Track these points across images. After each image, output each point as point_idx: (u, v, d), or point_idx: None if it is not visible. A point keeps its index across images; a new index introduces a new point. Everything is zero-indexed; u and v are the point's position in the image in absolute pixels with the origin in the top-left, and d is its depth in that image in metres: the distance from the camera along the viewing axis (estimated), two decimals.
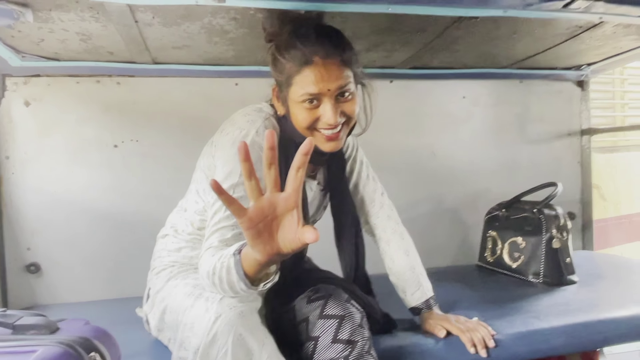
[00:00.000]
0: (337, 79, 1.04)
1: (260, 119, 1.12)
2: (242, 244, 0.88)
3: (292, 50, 1.05)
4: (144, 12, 1.17)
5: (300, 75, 1.04)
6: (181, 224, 1.25)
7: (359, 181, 1.37)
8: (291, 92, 1.07)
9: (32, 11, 1.13)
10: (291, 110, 1.10)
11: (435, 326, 1.21)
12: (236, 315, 0.93)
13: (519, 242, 1.74)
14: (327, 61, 1.03)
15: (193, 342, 0.96)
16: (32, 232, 1.67)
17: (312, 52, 1.03)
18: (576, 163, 2.24)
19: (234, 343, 0.90)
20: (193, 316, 0.99)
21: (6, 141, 1.64)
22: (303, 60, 1.03)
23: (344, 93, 1.07)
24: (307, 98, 1.04)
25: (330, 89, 1.04)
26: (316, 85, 1.03)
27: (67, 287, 1.70)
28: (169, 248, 1.25)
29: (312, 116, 1.06)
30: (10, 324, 0.78)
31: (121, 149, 1.73)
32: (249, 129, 1.09)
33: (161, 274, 1.21)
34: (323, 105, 1.05)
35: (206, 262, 0.98)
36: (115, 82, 1.72)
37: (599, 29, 1.47)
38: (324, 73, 1.03)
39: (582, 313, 1.34)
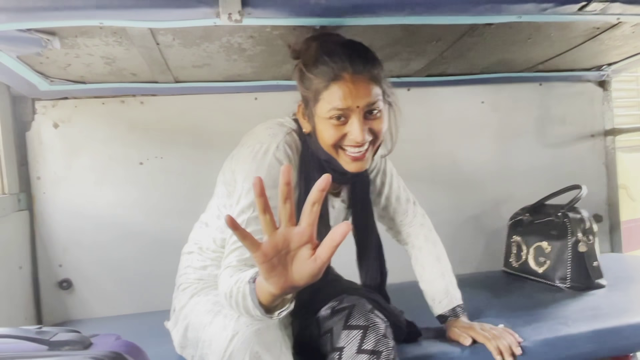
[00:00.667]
0: (366, 96, 1.03)
1: (282, 133, 1.12)
2: (257, 272, 0.87)
3: (320, 66, 1.03)
4: (164, 35, 1.21)
5: (328, 91, 1.02)
6: (205, 241, 1.26)
7: (391, 193, 1.37)
8: (318, 108, 1.05)
9: (59, 38, 1.18)
10: (317, 127, 1.08)
11: (460, 334, 1.21)
12: (252, 333, 0.94)
13: (544, 247, 1.71)
14: (356, 77, 1.02)
15: (211, 359, 0.97)
16: (64, 249, 1.72)
17: (340, 68, 1.01)
18: (601, 164, 2.21)
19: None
20: (211, 333, 1.01)
21: (37, 162, 1.70)
22: (331, 75, 1.02)
23: (373, 110, 1.05)
24: (334, 114, 1.03)
25: (359, 105, 1.02)
26: (344, 101, 1.01)
27: (99, 302, 1.75)
28: (195, 265, 1.26)
29: (339, 133, 1.05)
30: (46, 341, 0.81)
31: (146, 166, 1.78)
32: (269, 143, 1.09)
33: (186, 291, 1.23)
34: (350, 122, 1.03)
35: (224, 283, 0.98)
36: (139, 102, 1.77)
37: (618, 29, 1.45)
38: (352, 89, 1.01)
39: (611, 318, 1.32)
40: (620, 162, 2.25)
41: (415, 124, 2.01)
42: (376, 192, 1.37)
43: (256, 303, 0.86)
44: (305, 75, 1.07)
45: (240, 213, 1.05)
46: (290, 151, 1.11)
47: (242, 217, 1.04)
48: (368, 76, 1.03)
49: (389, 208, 1.38)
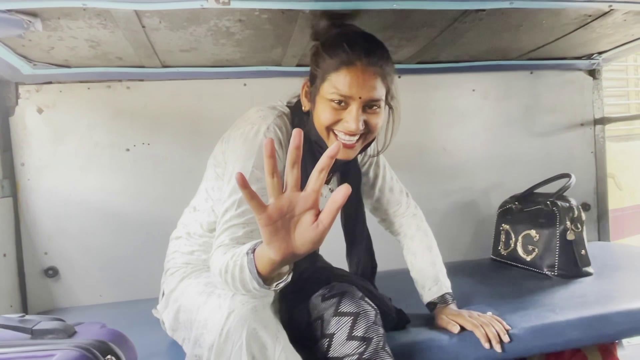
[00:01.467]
0: (371, 89, 1.04)
1: (273, 115, 1.13)
2: (255, 243, 0.88)
3: (337, 49, 1.05)
4: (150, 18, 1.18)
5: (337, 73, 1.04)
6: (192, 226, 1.26)
7: (384, 185, 1.39)
8: (323, 87, 1.07)
9: (41, 20, 1.15)
10: (316, 107, 1.10)
11: (448, 322, 1.21)
12: (249, 311, 0.94)
13: (533, 235, 1.72)
14: (367, 68, 1.04)
15: (207, 339, 0.97)
16: (49, 236, 1.70)
17: (355, 55, 1.03)
18: (590, 153, 2.21)
19: (248, 338, 0.91)
20: (206, 313, 1.01)
21: (21, 148, 1.67)
22: (345, 59, 1.03)
23: (373, 105, 1.07)
24: (336, 98, 1.05)
25: (362, 96, 1.04)
26: (350, 88, 1.03)
27: (85, 290, 1.73)
28: (182, 250, 1.26)
29: (336, 117, 1.06)
30: (28, 329, 0.79)
31: (133, 152, 1.75)
32: (260, 125, 1.10)
33: (175, 274, 1.23)
34: (349, 109, 1.05)
35: (218, 260, 0.99)
36: (125, 87, 1.74)
37: (609, 17, 1.44)
38: (360, 78, 1.03)
39: (598, 305, 1.33)
40: (608, 152, 2.26)
41: (405, 112, 1.96)
42: (369, 184, 1.38)
43: (254, 273, 0.86)
44: (320, 54, 1.09)
45: (231, 192, 1.05)
46: (280, 133, 1.12)
47: (233, 196, 1.04)
48: (379, 71, 1.06)
49: (383, 199, 1.40)
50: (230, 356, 0.91)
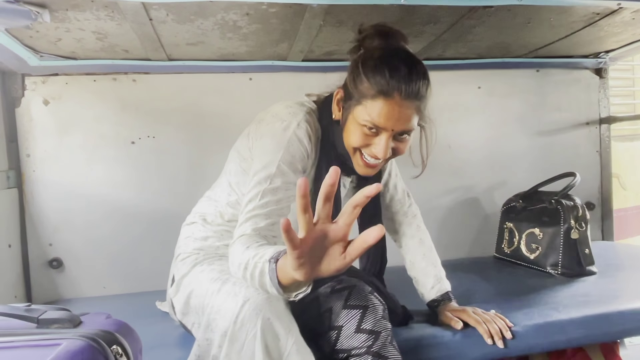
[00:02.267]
0: (405, 122, 1.04)
1: (302, 112, 1.13)
2: (279, 252, 0.88)
3: (377, 75, 1.01)
4: (157, 10, 1.18)
5: (373, 101, 1.02)
6: (211, 214, 1.27)
7: (390, 180, 1.40)
8: (357, 110, 1.05)
9: (49, 11, 1.15)
10: (347, 125, 1.09)
11: (452, 318, 1.21)
12: (264, 300, 0.94)
13: (537, 233, 1.72)
14: (404, 102, 1.01)
15: (220, 324, 0.97)
16: (54, 228, 1.70)
17: (395, 87, 1.00)
18: (595, 152, 2.21)
19: (263, 327, 0.92)
20: (220, 299, 1.01)
21: (27, 139, 1.68)
22: (384, 89, 1.00)
23: (404, 134, 1.07)
24: (369, 125, 1.04)
25: (395, 129, 1.04)
26: (385, 120, 1.02)
27: (89, 282, 1.74)
28: (196, 236, 1.26)
29: (365, 142, 1.07)
30: (34, 318, 0.80)
31: (138, 145, 1.75)
32: (290, 121, 1.10)
33: (187, 260, 1.23)
34: (380, 137, 1.05)
35: (238, 253, 0.99)
36: (131, 80, 1.74)
37: (618, 15, 1.44)
38: (396, 112, 1.01)
39: (601, 304, 1.33)
40: (613, 151, 2.25)
41: None
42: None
43: (275, 283, 0.87)
44: (359, 73, 1.05)
45: (256, 184, 1.07)
46: (310, 129, 1.12)
47: (257, 188, 1.06)
48: (415, 105, 1.04)
49: (386, 195, 1.40)
50: (244, 343, 0.92)
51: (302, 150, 1.11)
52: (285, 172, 1.08)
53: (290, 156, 1.08)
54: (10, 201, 1.62)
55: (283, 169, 1.08)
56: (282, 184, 1.07)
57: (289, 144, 1.08)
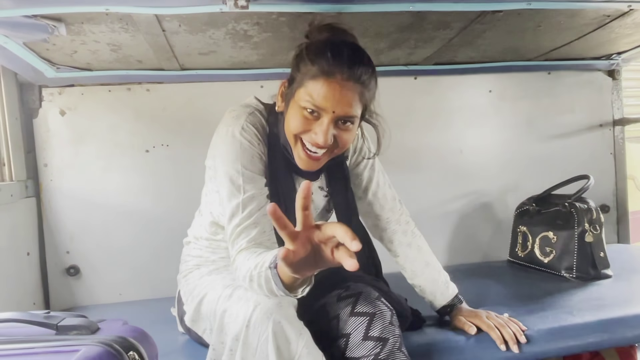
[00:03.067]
0: (346, 105, 1.02)
1: (245, 114, 1.12)
2: (275, 257, 0.90)
3: (319, 56, 1.01)
4: (170, 22, 1.21)
5: (315, 81, 1.01)
6: (197, 230, 1.30)
7: (378, 189, 1.34)
8: (299, 92, 1.04)
9: (65, 25, 1.18)
10: (289, 111, 1.08)
11: (465, 322, 1.21)
12: (274, 305, 0.96)
13: (551, 237, 1.71)
14: (346, 83, 1.00)
15: (232, 328, 0.99)
16: (71, 236, 1.73)
17: (337, 67, 1.00)
18: (609, 154, 2.19)
19: (274, 329, 0.93)
20: (233, 303, 1.03)
21: (44, 149, 1.71)
22: (325, 69, 1.00)
23: (346, 122, 1.05)
24: (309, 107, 1.02)
25: (335, 111, 1.01)
26: (325, 100, 1.00)
27: (105, 288, 1.77)
28: (192, 254, 1.30)
29: (305, 127, 1.04)
30: (54, 325, 0.82)
31: (152, 153, 1.78)
32: (233, 125, 1.10)
33: (189, 276, 1.26)
34: (320, 121, 1.03)
35: (243, 267, 1.01)
36: (145, 89, 1.77)
37: (629, 17, 1.43)
38: (337, 92, 1.00)
39: (617, 308, 1.32)
40: (628, 153, 2.23)
41: (421, 113, 2.00)
42: (362, 187, 1.33)
43: (280, 286, 0.90)
44: (302, 57, 1.05)
45: (230, 197, 1.07)
46: (256, 129, 1.12)
47: (234, 200, 1.06)
48: (358, 88, 1.02)
49: (375, 204, 1.34)
50: (257, 346, 0.94)
51: (255, 151, 1.10)
52: (251, 177, 1.08)
53: (248, 161, 1.08)
54: (28, 210, 1.66)
55: (248, 175, 1.07)
56: (255, 191, 1.08)
57: (242, 149, 1.08)
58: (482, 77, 2.03)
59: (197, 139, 1.79)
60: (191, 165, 1.79)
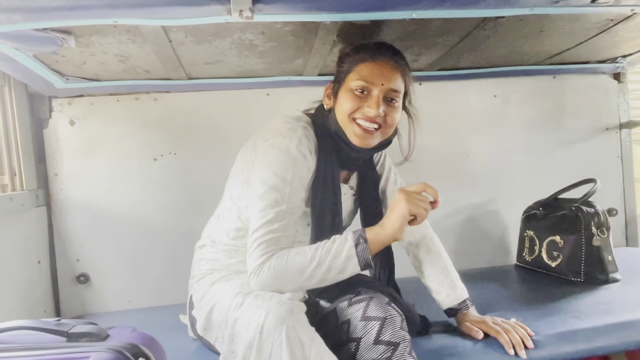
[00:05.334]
0: (391, 79, 1.16)
1: (300, 127, 1.18)
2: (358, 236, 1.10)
3: (364, 47, 1.19)
4: (176, 32, 1.23)
5: (362, 64, 1.16)
6: (217, 234, 1.30)
7: (387, 187, 1.39)
8: (349, 77, 1.17)
9: (74, 37, 1.20)
10: (339, 99, 1.19)
11: (472, 328, 1.21)
12: (287, 311, 0.97)
13: (558, 241, 1.71)
14: (388, 62, 1.17)
15: (244, 336, 1.00)
16: (81, 244, 1.75)
17: (380, 52, 1.17)
18: (616, 157, 2.18)
19: (288, 334, 0.94)
20: (244, 312, 1.04)
21: (54, 159, 1.74)
22: (370, 55, 1.16)
23: (392, 99, 1.18)
24: (360, 85, 1.15)
25: (384, 83, 1.15)
26: (373, 76, 1.15)
27: (115, 296, 1.78)
28: (207, 257, 1.30)
29: (358, 104, 1.16)
30: (64, 332, 0.83)
31: (160, 162, 1.80)
32: (290, 137, 1.15)
33: (201, 282, 1.26)
34: (371, 95, 1.15)
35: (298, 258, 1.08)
36: (153, 99, 1.79)
37: (632, 20, 1.43)
38: (383, 69, 1.16)
39: (626, 311, 1.31)
40: (636, 155, 2.22)
41: (426, 119, 1.97)
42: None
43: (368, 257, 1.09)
44: (348, 53, 1.21)
45: (266, 207, 1.10)
46: (309, 142, 1.18)
47: (276, 208, 1.10)
48: (400, 68, 1.18)
49: (385, 202, 1.39)
50: (271, 353, 0.95)
51: (307, 166, 1.16)
52: (298, 189, 1.14)
53: (298, 174, 1.14)
54: (39, 219, 1.68)
55: (296, 186, 1.13)
56: (298, 203, 1.14)
57: (295, 162, 1.14)
58: (487, 82, 2.04)
59: (205, 147, 1.82)
60: (199, 173, 1.82)
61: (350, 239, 1.09)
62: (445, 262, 1.34)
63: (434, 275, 1.32)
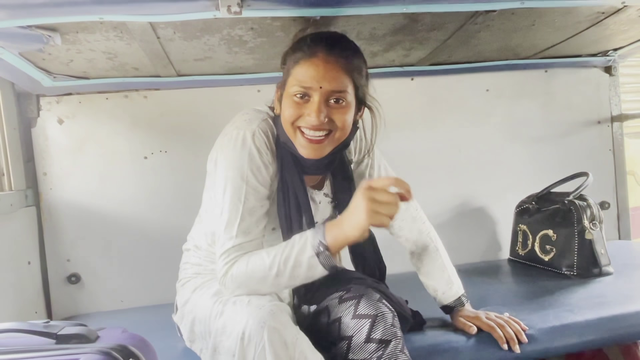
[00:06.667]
0: (332, 80, 1.03)
1: (258, 119, 1.12)
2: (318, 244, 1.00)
3: (301, 44, 1.06)
4: (164, 29, 1.21)
5: (299, 66, 1.04)
6: (199, 239, 1.28)
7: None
8: (288, 83, 1.07)
9: (60, 34, 1.19)
10: (283, 107, 1.09)
11: (465, 323, 1.21)
12: (267, 314, 0.95)
13: (551, 235, 1.71)
14: (329, 59, 1.03)
15: (226, 345, 0.99)
16: (71, 244, 1.74)
17: (317, 47, 1.03)
18: (608, 150, 2.18)
19: (270, 337, 0.92)
20: (224, 321, 1.03)
21: (43, 158, 1.72)
22: (307, 53, 1.04)
23: (338, 99, 1.05)
24: (298, 91, 1.04)
25: (323, 86, 1.02)
26: (310, 78, 1.02)
27: (106, 296, 1.77)
28: (192, 262, 1.29)
29: (298, 112, 1.05)
30: (53, 334, 0.82)
31: (151, 160, 1.79)
32: (245, 129, 1.09)
33: (186, 285, 1.25)
34: (311, 101, 1.04)
35: (240, 273, 1.03)
36: (143, 96, 1.77)
37: (623, 13, 1.43)
38: (321, 69, 1.02)
39: (618, 305, 1.32)
40: (627, 148, 2.23)
41: (419, 114, 2.00)
42: None
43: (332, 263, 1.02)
44: (287, 52, 1.10)
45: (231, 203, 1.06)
46: (266, 137, 1.11)
47: (233, 210, 1.05)
48: (342, 63, 1.04)
49: None
50: (254, 358, 0.93)
51: (263, 160, 1.09)
52: (255, 187, 1.07)
53: (255, 166, 1.07)
54: (28, 219, 1.66)
55: (253, 184, 1.07)
56: (256, 202, 1.08)
57: (250, 155, 1.07)
58: (479, 76, 2.03)
59: (196, 145, 1.80)
60: (190, 171, 1.80)
61: (310, 248, 1.00)
62: (442, 259, 1.31)
63: (431, 272, 1.30)
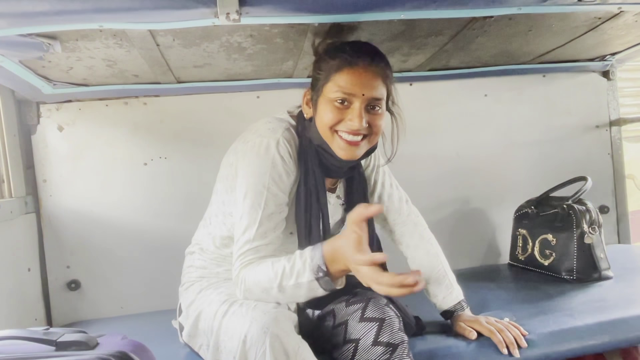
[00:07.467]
0: (373, 88, 1.08)
1: (281, 128, 1.14)
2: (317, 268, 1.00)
3: (340, 52, 1.10)
4: (164, 36, 1.22)
5: (340, 73, 1.08)
6: (205, 242, 1.29)
7: (384, 191, 1.37)
8: (326, 87, 1.10)
9: (60, 42, 1.19)
10: (319, 110, 1.12)
11: (465, 328, 1.21)
12: (271, 320, 0.96)
13: (550, 239, 1.71)
14: (369, 68, 1.08)
15: (229, 345, 1.00)
16: (71, 250, 1.74)
17: (358, 57, 1.08)
18: (607, 155, 2.19)
19: (271, 343, 0.93)
20: (229, 321, 1.04)
21: (43, 165, 1.72)
22: (348, 61, 1.08)
23: (375, 107, 1.10)
24: (339, 97, 1.08)
25: (365, 94, 1.08)
26: (353, 85, 1.07)
27: (106, 302, 1.77)
28: (196, 265, 1.29)
29: (339, 117, 1.09)
30: (53, 342, 0.82)
31: (151, 166, 1.79)
32: (269, 138, 1.12)
33: (190, 289, 1.26)
34: (352, 107, 1.08)
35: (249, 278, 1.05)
36: (142, 103, 1.78)
37: (620, 18, 1.43)
38: (363, 78, 1.08)
39: (619, 309, 1.32)
40: (626, 152, 2.23)
41: (418, 119, 2.00)
42: (369, 190, 1.36)
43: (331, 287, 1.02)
44: (323, 58, 1.13)
45: (250, 209, 1.08)
46: (289, 146, 1.13)
47: (253, 214, 1.08)
48: (380, 72, 1.10)
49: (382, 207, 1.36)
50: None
51: (286, 169, 1.12)
52: (275, 194, 1.10)
53: (277, 175, 1.10)
54: (28, 226, 1.67)
55: (273, 191, 1.09)
56: (275, 208, 1.10)
57: (273, 163, 1.10)
58: (477, 82, 2.04)
59: (195, 151, 1.81)
60: (189, 177, 1.81)
61: (309, 272, 1.00)
62: (442, 264, 1.33)
63: (431, 277, 1.31)
